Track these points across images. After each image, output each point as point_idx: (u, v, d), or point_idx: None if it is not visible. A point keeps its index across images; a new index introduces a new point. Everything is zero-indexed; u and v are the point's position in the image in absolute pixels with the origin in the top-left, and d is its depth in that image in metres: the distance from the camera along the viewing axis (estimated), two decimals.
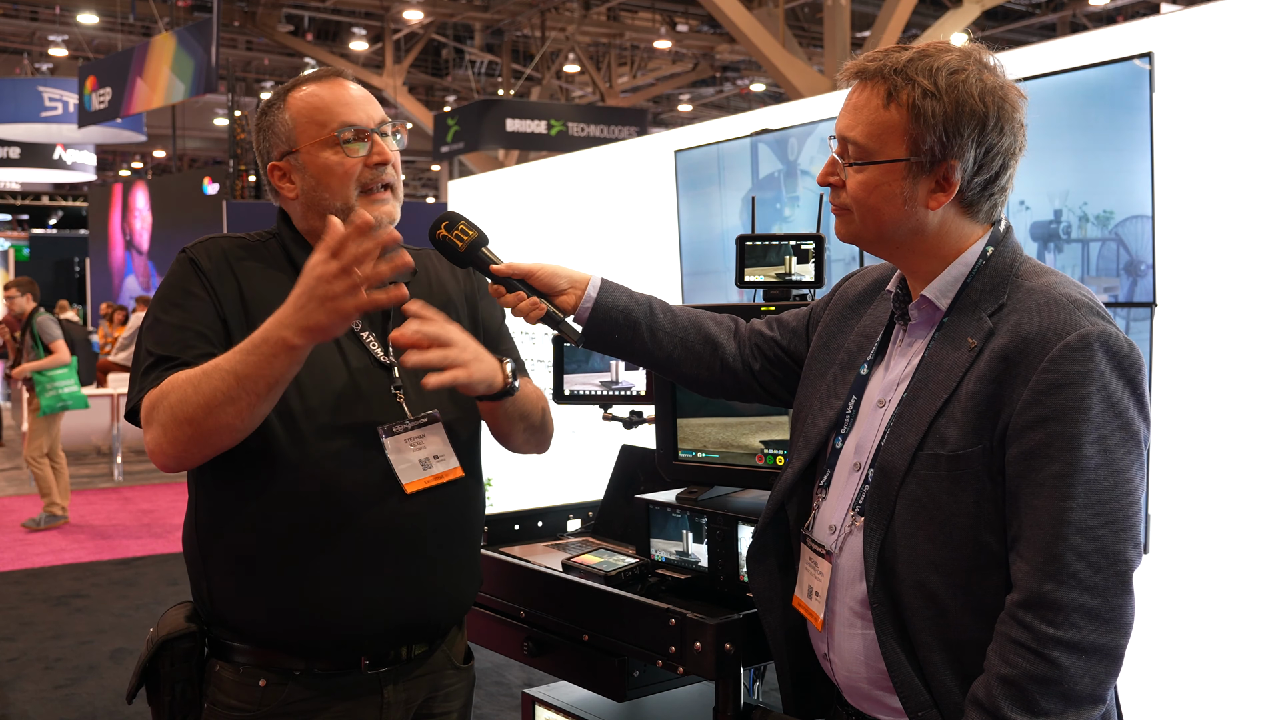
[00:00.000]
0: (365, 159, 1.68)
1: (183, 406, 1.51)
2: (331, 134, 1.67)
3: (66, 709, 4.37)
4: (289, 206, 1.75)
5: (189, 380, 1.52)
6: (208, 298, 1.65)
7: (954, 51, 1.38)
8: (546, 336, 1.91)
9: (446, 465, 1.71)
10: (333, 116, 1.68)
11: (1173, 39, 2.82)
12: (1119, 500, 1.28)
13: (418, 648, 1.74)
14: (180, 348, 1.60)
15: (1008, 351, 1.33)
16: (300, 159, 1.68)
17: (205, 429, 1.51)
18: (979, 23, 14.03)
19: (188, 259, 1.69)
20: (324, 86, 1.70)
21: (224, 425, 1.51)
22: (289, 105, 1.70)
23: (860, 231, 1.45)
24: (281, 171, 1.71)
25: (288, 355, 1.49)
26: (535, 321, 1.65)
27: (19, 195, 30.59)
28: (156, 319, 1.65)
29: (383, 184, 1.70)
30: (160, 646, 1.67)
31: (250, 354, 1.49)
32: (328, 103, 1.68)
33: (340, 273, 1.44)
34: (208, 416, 1.50)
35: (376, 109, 1.72)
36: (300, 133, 1.68)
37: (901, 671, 1.38)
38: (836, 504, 1.48)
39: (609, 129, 14.93)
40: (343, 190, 1.68)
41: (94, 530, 7.72)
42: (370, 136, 1.69)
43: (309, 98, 1.69)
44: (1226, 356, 2.72)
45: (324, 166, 1.67)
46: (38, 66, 18.95)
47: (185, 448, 1.54)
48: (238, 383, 1.49)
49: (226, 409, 1.50)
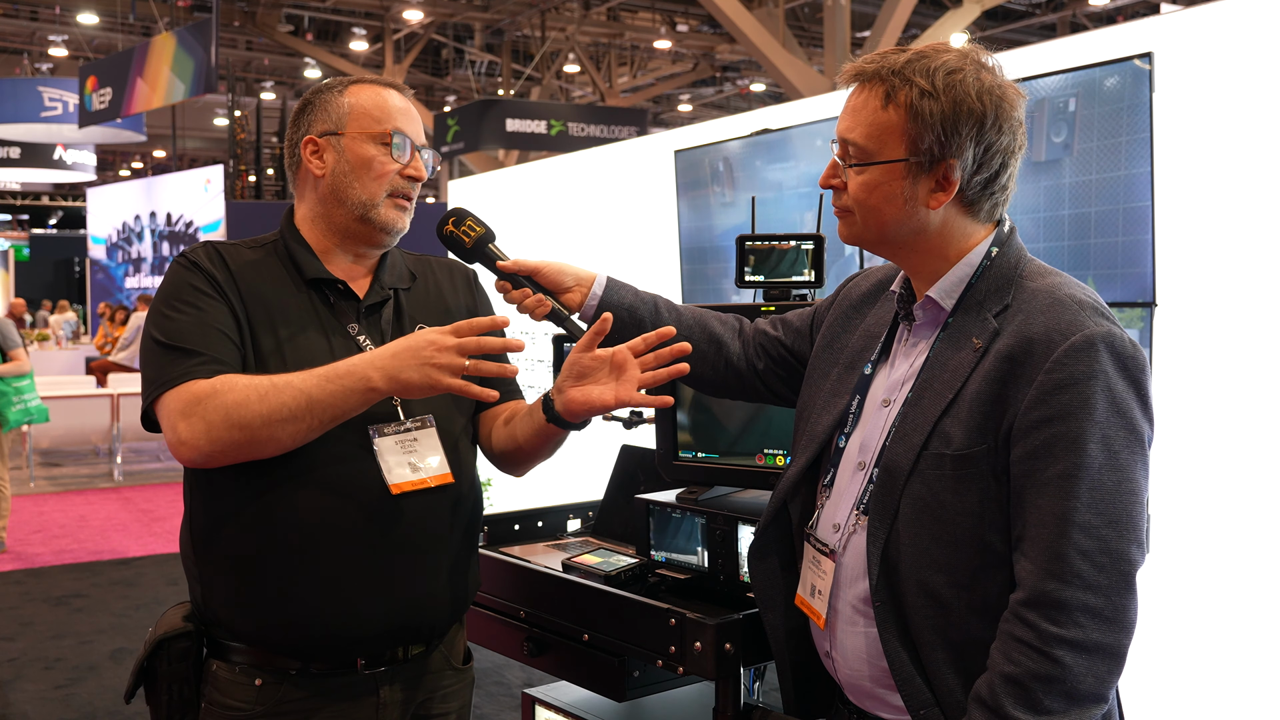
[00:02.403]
0: (403, 168, 1.73)
1: (241, 410, 1.52)
2: (385, 131, 1.72)
3: (66, 709, 4.37)
4: (306, 188, 1.75)
5: (253, 387, 1.54)
6: (220, 298, 1.65)
7: (951, 52, 1.39)
8: (547, 336, 1.91)
9: (436, 469, 1.71)
10: (390, 118, 1.73)
11: (1173, 39, 2.82)
12: (1123, 500, 1.28)
13: (414, 648, 1.74)
14: (204, 343, 1.60)
15: (1012, 352, 1.33)
16: (343, 143, 1.71)
17: (258, 438, 1.54)
18: (979, 23, 14.04)
19: (189, 262, 1.68)
20: (389, 92, 1.76)
21: (277, 440, 1.54)
22: (351, 92, 1.74)
23: (863, 233, 1.45)
24: (317, 147, 1.73)
25: (365, 394, 1.55)
26: (541, 318, 1.66)
27: (19, 195, 30.59)
28: (166, 315, 1.63)
29: (407, 195, 1.75)
30: (157, 646, 1.67)
31: (331, 382, 1.54)
32: (389, 105, 1.74)
33: (456, 349, 1.52)
34: (265, 427, 1.53)
35: (422, 130, 1.78)
36: (353, 119, 1.72)
37: (903, 670, 1.38)
38: (840, 503, 1.48)
39: (609, 129, 14.93)
40: (374, 186, 1.71)
41: (94, 530, 7.72)
42: (414, 150, 1.74)
43: (375, 95, 1.75)
44: (1226, 356, 2.72)
45: (365, 158, 1.71)
46: (38, 66, 18.96)
47: (226, 449, 1.55)
48: (308, 405, 1.53)
49: (287, 426, 1.53)
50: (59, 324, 15.61)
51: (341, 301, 1.73)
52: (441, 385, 1.53)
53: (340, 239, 1.74)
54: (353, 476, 1.65)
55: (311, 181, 1.74)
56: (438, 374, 1.53)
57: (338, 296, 1.73)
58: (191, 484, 1.71)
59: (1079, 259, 2.97)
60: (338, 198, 1.72)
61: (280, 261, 1.73)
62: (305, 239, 1.75)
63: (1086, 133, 2.93)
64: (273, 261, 1.73)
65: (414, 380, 1.53)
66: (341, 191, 1.71)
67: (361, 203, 1.70)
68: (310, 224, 1.75)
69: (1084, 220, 2.96)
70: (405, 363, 1.53)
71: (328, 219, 1.74)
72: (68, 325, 15.63)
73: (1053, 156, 3.00)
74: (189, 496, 1.72)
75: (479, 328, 1.55)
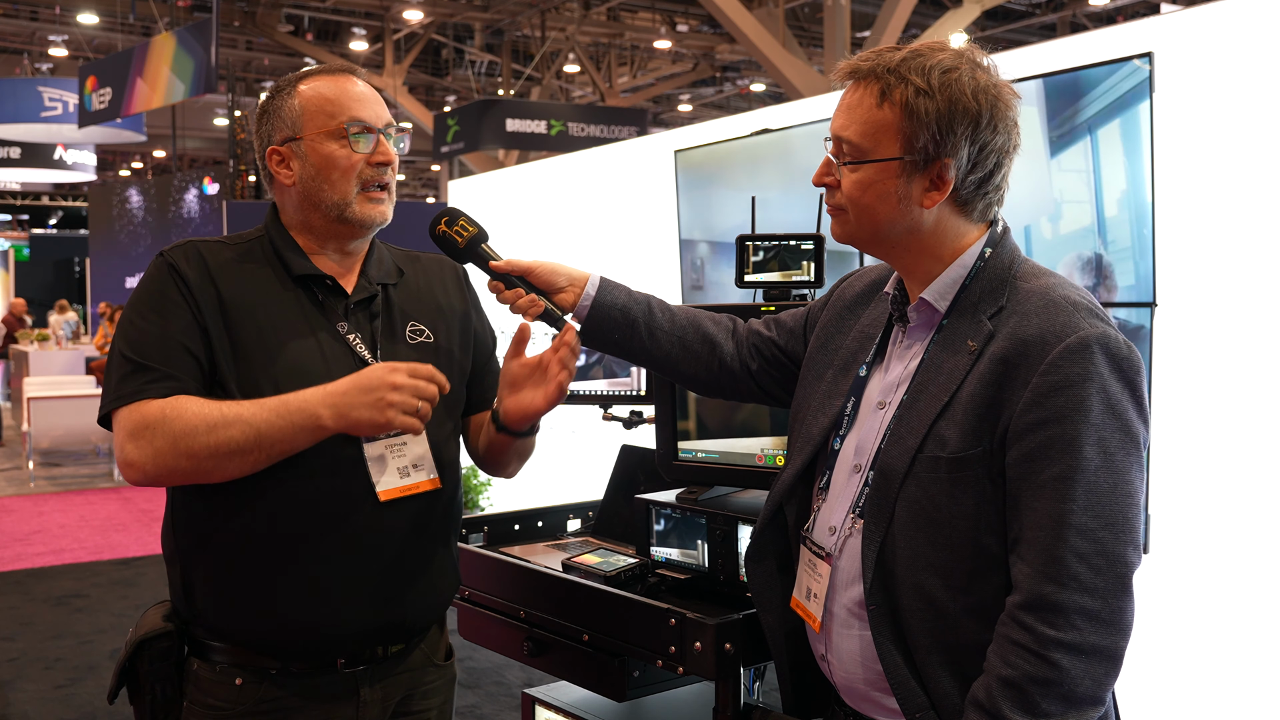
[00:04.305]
0: (369, 156, 1.69)
1: (189, 440, 1.52)
2: (340, 126, 1.67)
3: (66, 709, 4.37)
4: (283, 196, 1.74)
5: (202, 418, 1.53)
6: (187, 305, 1.63)
7: (947, 51, 1.39)
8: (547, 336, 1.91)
9: (424, 475, 1.71)
10: (343, 109, 1.68)
11: (1173, 39, 2.82)
12: (1119, 502, 1.28)
13: (394, 647, 1.75)
14: (162, 358, 1.59)
15: (1007, 354, 1.33)
16: (303, 146, 1.68)
17: (204, 469, 1.54)
18: (979, 23, 14.02)
19: (166, 263, 1.67)
20: (337, 80, 1.71)
21: (224, 470, 1.55)
22: (299, 93, 1.70)
23: (856, 231, 1.45)
24: (281, 157, 1.70)
25: (314, 432, 1.56)
26: (534, 319, 1.66)
27: (19, 195, 30.57)
28: (132, 322, 1.63)
29: (380, 184, 1.71)
30: (138, 647, 1.67)
31: (281, 418, 1.54)
32: (340, 95, 1.69)
33: (411, 391, 1.55)
34: (211, 459, 1.53)
35: (385, 110, 1.73)
36: (308, 120, 1.68)
37: (899, 673, 1.38)
38: (836, 506, 1.48)
39: (609, 129, 14.92)
40: (343, 184, 1.68)
41: (94, 530, 7.72)
42: (376, 135, 1.70)
43: (321, 88, 1.70)
44: (1226, 356, 2.72)
45: (327, 157, 1.67)
46: (38, 66, 18.93)
47: (172, 475, 1.56)
48: (257, 440, 1.53)
49: (235, 459, 1.54)
50: (59, 324, 15.59)
51: (330, 298, 1.72)
52: (396, 425, 1.55)
53: (324, 239, 1.73)
54: (338, 479, 1.65)
55: (285, 190, 1.72)
56: (392, 413, 1.54)
57: (326, 293, 1.72)
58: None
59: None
60: (312, 203, 1.70)
61: (265, 258, 1.72)
62: (293, 238, 1.73)
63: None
64: (257, 258, 1.71)
65: (364, 419, 1.55)
66: (314, 196, 1.69)
67: (335, 204, 1.68)
68: (294, 229, 1.74)
69: None
70: (355, 401, 1.54)
71: (308, 224, 1.72)
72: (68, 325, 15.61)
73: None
74: (171, 495, 1.72)
75: (433, 375, 1.58)
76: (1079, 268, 2.96)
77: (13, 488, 9.56)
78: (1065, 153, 2.99)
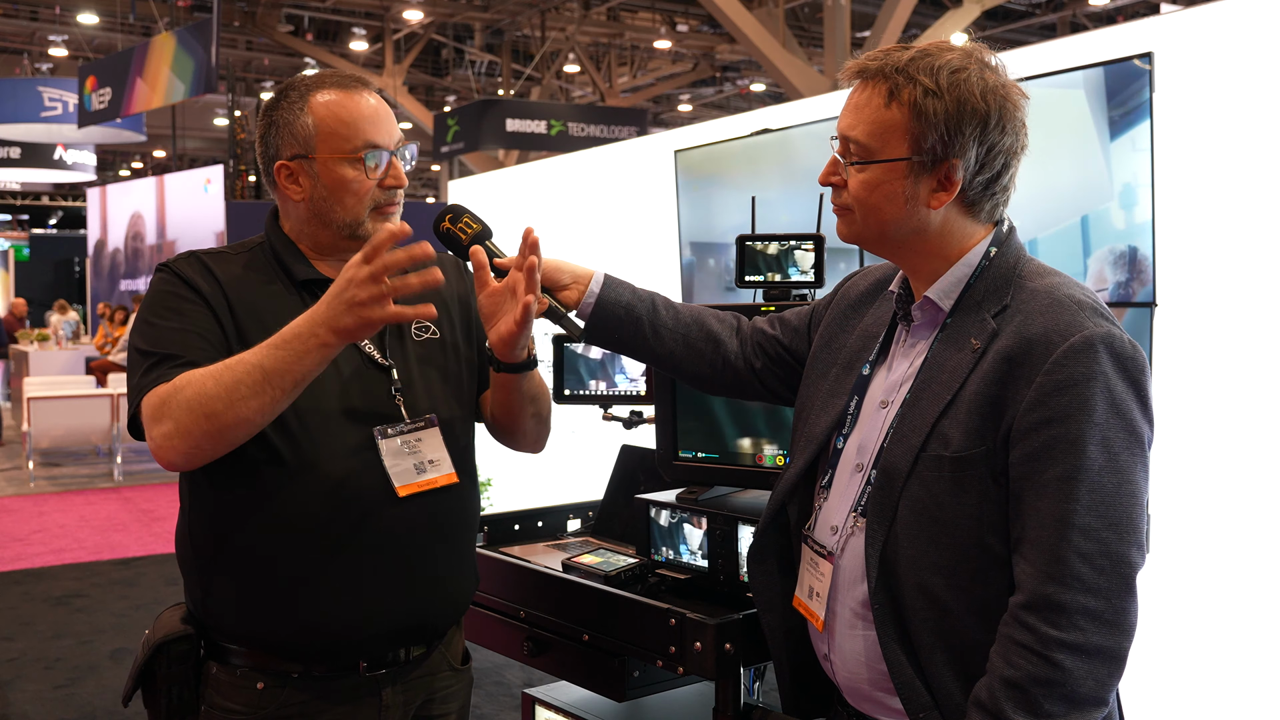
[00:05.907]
0: (381, 179, 1.68)
1: (201, 399, 1.50)
2: (357, 150, 1.65)
3: (66, 709, 4.36)
4: (288, 208, 1.73)
5: (208, 374, 1.51)
6: (202, 306, 1.63)
7: (955, 51, 1.38)
8: (547, 336, 1.90)
9: (441, 470, 1.70)
10: (358, 133, 1.66)
11: (1173, 39, 2.82)
12: (1123, 502, 1.28)
13: (415, 650, 1.74)
14: (183, 347, 1.59)
15: (1011, 353, 1.32)
16: (315, 167, 1.66)
17: (225, 422, 1.50)
18: (979, 23, 14.03)
19: (172, 273, 1.66)
20: (350, 97, 1.67)
21: (244, 419, 1.50)
22: (312, 109, 1.66)
23: (862, 231, 1.44)
24: (290, 172, 1.68)
25: (320, 352, 1.50)
26: (538, 316, 1.65)
27: (19, 195, 30.58)
28: (148, 323, 1.62)
29: (392, 203, 1.70)
30: (157, 649, 1.66)
31: (280, 349, 1.49)
32: (355, 118, 1.66)
33: (369, 279, 1.45)
34: (228, 409, 1.49)
35: (396, 127, 1.72)
36: (321, 142, 1.65)
37: (902, 673, 1.38)
38: (838, 505, 1.48)
39: (609, 129, 14.93)
40: (356, 207, 1.67)
41: (94, 530, 7.72)
42: (389, 157, 1.68)
43: (335, 107, 1.66)
44: (1227, 356, 2.72)
45: (340, 181, 1.66)
46: (38, 66, 18.94)
47: (199, 442, 1.52)
48: (264, 377, 1.49)
49: (249, 402, 1.49)
50: (59, 324, 15.59)
51: None
52: (374, 318, 1.47)
53: (329, 251, 1.72)
54: (356, 478, 1.64)
55: (291, 203, 1.71)
56: (366, 311, 1.47)
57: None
58: (189, 486, 1.70)
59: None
60: (321, 220, 1.69)
61: (268, 265, 1.71)
62: (295, 245, 1.73)
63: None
64: (260, 265, 1.71)
65: (349, 324, 1.47)
66: (324, 214, 1.68)
67: (346, 224, 1.67)
68: (297, 236, 1.73)
69: None
70: (336, 310, 1.48)
71: (313, 237, 1.71)
72: (68, 325, 15.61)
73: None
74: (186, 498, 1.71)
75: (382, 245, 1.46)
76: (1110, 262, 2.84)
77: (13, 488, 9.56)
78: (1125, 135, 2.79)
